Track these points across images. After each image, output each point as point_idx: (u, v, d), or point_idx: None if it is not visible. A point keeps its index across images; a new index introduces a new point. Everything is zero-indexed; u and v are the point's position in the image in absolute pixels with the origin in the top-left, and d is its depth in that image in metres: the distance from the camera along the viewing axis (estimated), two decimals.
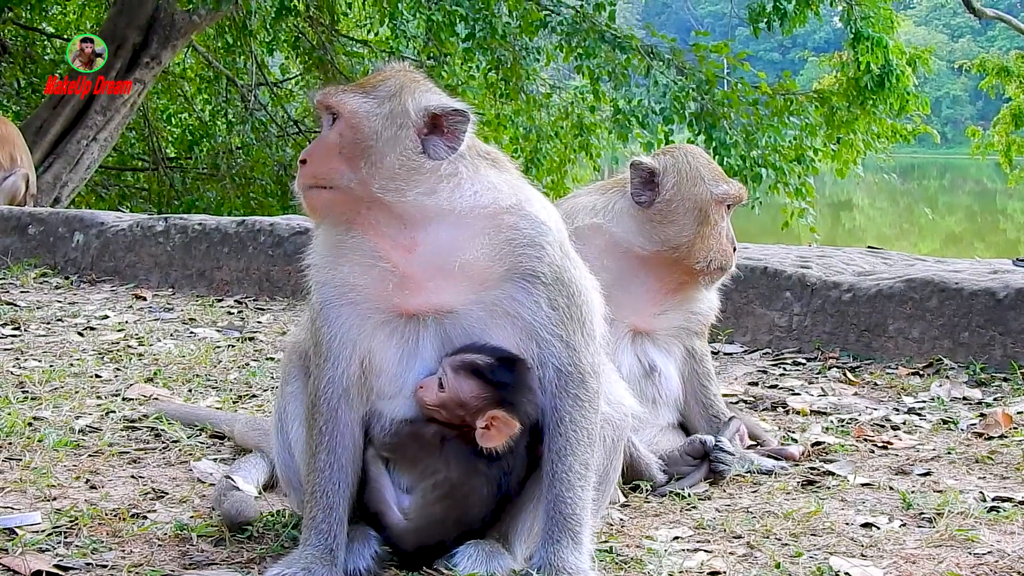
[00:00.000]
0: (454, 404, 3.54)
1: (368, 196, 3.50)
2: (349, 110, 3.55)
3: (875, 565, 3.72)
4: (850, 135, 20.68)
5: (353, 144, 3.53)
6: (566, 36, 18.40)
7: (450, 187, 3.55)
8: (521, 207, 3.61)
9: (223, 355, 7.17)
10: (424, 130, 3.55)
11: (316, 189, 3.56)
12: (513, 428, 3.53)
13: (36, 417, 5.47)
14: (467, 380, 3.51)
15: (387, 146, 3.51)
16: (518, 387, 3.54)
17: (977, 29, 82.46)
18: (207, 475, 4.69)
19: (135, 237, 10.42)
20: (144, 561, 3.69)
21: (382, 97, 3.57)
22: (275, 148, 21.44)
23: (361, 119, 3.54)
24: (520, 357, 3.57)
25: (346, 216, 3.57)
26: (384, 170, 3.50)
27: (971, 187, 66.38)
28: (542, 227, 3.61)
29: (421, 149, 3.53)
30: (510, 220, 3.58)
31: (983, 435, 5.38)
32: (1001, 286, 6.59)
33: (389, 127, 3.53)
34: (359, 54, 21.60)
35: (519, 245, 3.56)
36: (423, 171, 3.52)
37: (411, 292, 3.55)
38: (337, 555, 3.53)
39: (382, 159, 3.50)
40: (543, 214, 3.65)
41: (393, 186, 3.50)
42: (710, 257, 5.04)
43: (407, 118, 3.54)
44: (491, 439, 3.52)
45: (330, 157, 3.55)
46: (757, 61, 22.48)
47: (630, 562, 3.75)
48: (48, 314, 8.57)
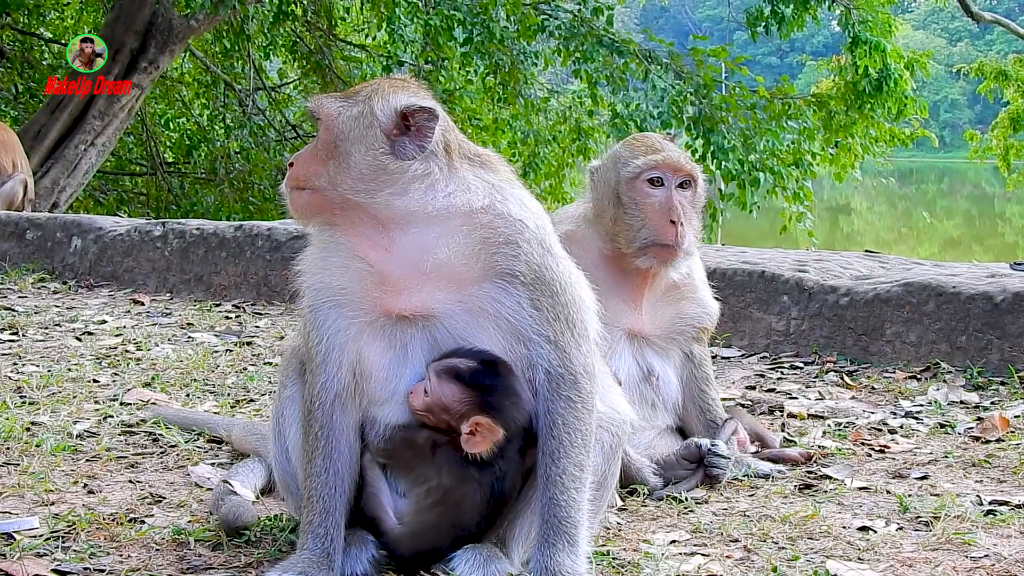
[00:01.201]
0: (439, 409, 3.52)
1: (340, 197, 3.53)
2: (325, 112, 3.60)
3: (872, 569, 3.72)
4: (848, 139, 20.73)
5: (326, 145, 3.57)
6: (564, 40, 18.44)
7: (422, 188, 3.54)
8: (494, 206, 3.58)
9: (221, 360, 7.17)
10: (394, 131, 3.54)
11: (297, 191, 3.60)
12: (496, 434, 3.50)
13: (34, 422, 5.47)
14: (449, 385, 3.49)
15: (354, 146, 3.53)
16: (502, 391, 3.51)
17: (975, 33, 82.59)
18: (205, 480, 4.69)
19: (133, 242, 10.43)
20: (142, 566, 3.69)
21: (356, 100, 3.60)
22: (273, 152, 21.45)
23: (332, 120, 3.57)
24: (503, 360, 3.54)
25: (324, 217, 3.60)
26: (352, 170, 3.52)
27: (969, 191, 66.42)
28: (517, 224, 3.57)
29: (389, 150, 3.53)
30: (484, 219, 3.56)
31: (980, 439, 5.38)
32: (998, 290, 6.60)
33: (356, 127, 3.54)
34: (357, 59, 21.61)
35: (494, 243, 3.54)
36: (391, 171, 3.51)
37: (391, 292, 3.55)
38: (334, 559, 3.53)
39: (348, 159, 3.52)
40: (518, 211, 3.60)
41: (363, 187, 3.51)
42: (639, 236, 4.88)
43: (373, 118, 3.54)
44: (475, 445, 3.50)
45: (310, 160, 3.59)
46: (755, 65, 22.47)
47: (627, 566, 3.75)
48: (46, 319, 8.57)
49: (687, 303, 5.15)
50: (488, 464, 3.53)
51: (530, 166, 21.03)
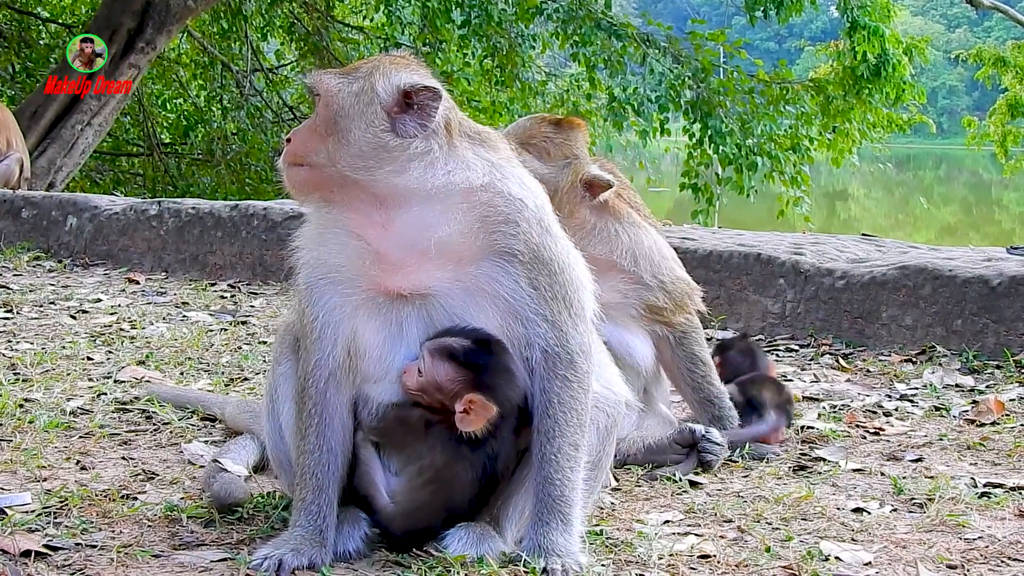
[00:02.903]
0: (432, 388, 3.51)
1: (338, 174, 3.49)
2: (324, 88, 3.56)
3: (865, 550, 3.72)
4: (846, 124, 20.72)
5: (325, 121, 3.53)
6: (562, 23, 18.39)
7: (422, 166, 3.50)
8: (494, 184, 3.56)
9: (215, 339, 7.17)
10: (395, 108, 3.51)
11: (294, 167, 3.56)
12: (490, 412, 3.48)
13: (27, 399, 5.47)
14: (443, 363, 3.48)
15: (354, 123, 3.49)
16: (495, 370, 3.50)
17: (974, 19, 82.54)
18: (198, 457, 4.69)
19: (128, 221, 10.42)
20: (134, 542, 3.68)
21: (356, 76, 3.56)
22: (270, 134, 21.42)
23: (332, 96, 3.53)
24: (497, 339, 3.52)
25: (322, 194, 3.57)
26: (352, 147, 3.48)
27: (966, 177, 66.41)
28: (516, 203, 3.56)
29: (390, 127, 3.50)
30: (484, 197, 3.54)
31: (975, 422, 5.38)
32: (995, 274, 6.59)
33: (356, 104, 3.51)
34: (355, 40, 21.58)
35: (493, 222, 3.52)
36: (390, 149, 3.48)
37: (388, 271, 3.53)
38: (327, 537, 3.52)
39: (348, 135, 3.49)
40: (518, 190, 3.59)
41: (362, 164, 3.48)
42: None
43: (374, 95, 3.51)
44: (469, 423, 3.48)
45: (309, 136, 3.55)
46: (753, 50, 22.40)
47: (620, 545, 3.75)
48: (41, 297, 8.57)
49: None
50: (481, 444, 3.51)
51: None
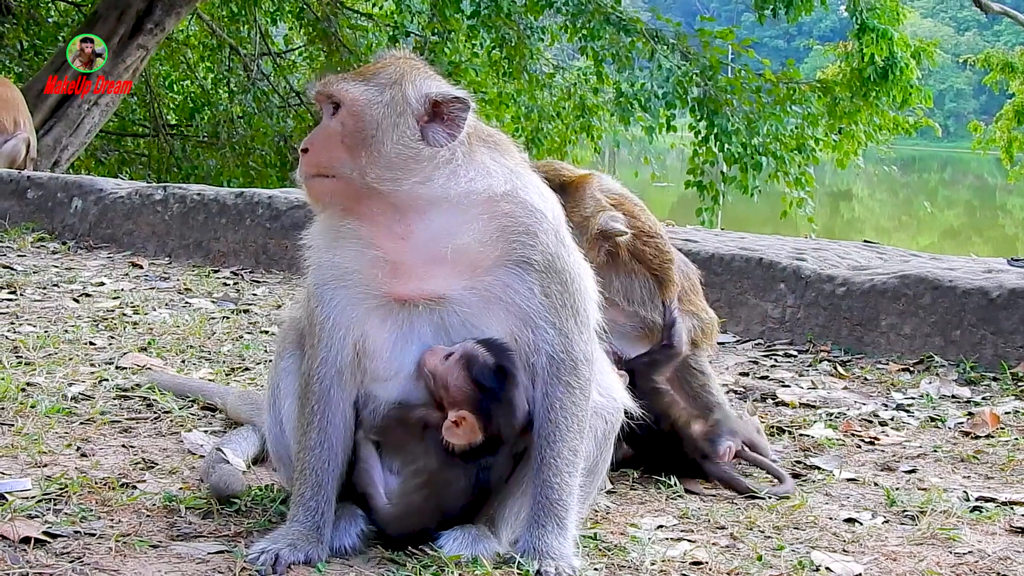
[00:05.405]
0: (440, 383, 3.55)
1: (365, 185, 3.47)
2: (351, 98, 3.52)
3: (856, 561, 3.74)
4: (852, 126, 20.71)
5: (355, 133, 3.49)
6: (571, 17, 18.39)
7: (445, 174, 3.51)
8: (516, 194, 3.59)
9: (217, 327, 7.19)
10: (424, 117, 3.51)
11: (319, 178, 3.53)
12: (475, 436, 3.53)
13: (29, 383, 5.50)
14: (462, 369, 3.52)
15: (387, 134, 3.48)
16: (500, 401, 3.55)
17: (983, 23, 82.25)
18: (197, 447, 4.72)
19: (133, 205, 10.43)
20: (132, 531, 3.71)
21: (383, 85, 3.53)
22: (276, 119, 21.43)
23: (363, 107, 3.50)
24: (514, 373, 3.56)
25: (347, 205, 3.55)
26: (383, 158, 3.47)
27: (971, 182, 66.35)
28: (537, 214, 3.60)
29: (420, 136, 3.51)
30: (505, 207, 3.57)
31: (970, 434, 5.40)
32: (995, 285, 6.61)
33: (390, 115, 3.49)
34: (363, 27, 21.55)
35: (513, 232, 3.56)
36: (420, 159, 3.48)
37: (403, 280, 3.55)
38: (323, 532, 3.56)
39: (381, 147, 3.47)
40: (538, 201, 3.63)
41: (389, 175, 3.47)
42: None
43: (407, 105, 3.50)
44: (454, 436, 3.52)
45: (332, 146, 3.51)
46: (761, 48, 22.41)
47: (614, 549, 3.78)
48: (44, 279, 8.59)
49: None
50: (476, 456, 3.56)
51: (533, 141, 21.00)
